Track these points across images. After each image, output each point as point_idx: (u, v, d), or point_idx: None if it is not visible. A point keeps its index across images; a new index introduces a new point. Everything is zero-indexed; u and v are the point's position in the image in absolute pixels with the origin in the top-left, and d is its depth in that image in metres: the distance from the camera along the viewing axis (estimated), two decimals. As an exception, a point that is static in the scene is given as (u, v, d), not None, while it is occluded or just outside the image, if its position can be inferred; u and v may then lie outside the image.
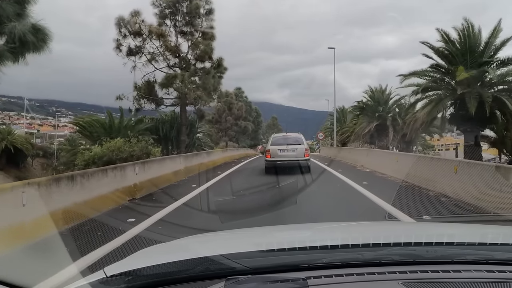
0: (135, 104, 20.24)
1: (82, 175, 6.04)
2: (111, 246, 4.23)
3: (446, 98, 15.33)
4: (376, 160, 13.99)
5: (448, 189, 7.34)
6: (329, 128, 51.85)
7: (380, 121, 30.96)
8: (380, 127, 31.26)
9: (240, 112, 36.45)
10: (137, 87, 20.30)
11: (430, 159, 9.58)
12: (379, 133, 32.27)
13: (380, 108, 31.09)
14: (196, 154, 15.43)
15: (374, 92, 32.50)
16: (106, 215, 6.03)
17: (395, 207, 6.09)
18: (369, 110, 32.02)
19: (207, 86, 18.75)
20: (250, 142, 51.78)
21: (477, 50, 14.96)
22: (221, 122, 35.61)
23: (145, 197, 8.12)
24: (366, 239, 1.40)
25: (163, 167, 10.64)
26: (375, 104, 31.87)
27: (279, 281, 1.08)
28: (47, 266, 3.27)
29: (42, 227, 4.40)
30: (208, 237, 2.18)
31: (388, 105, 32.10)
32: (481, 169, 6.66)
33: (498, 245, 1.41)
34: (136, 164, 8.48)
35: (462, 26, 14.81)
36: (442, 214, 5.75)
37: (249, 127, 41.19)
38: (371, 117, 32.21)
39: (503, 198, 5.58)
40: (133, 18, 18.04)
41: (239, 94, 44.10)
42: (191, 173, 12.86)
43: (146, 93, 20.20)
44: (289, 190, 8.80)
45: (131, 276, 1.17)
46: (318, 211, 6.39)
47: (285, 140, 13.02)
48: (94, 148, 15.68)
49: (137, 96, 20.41)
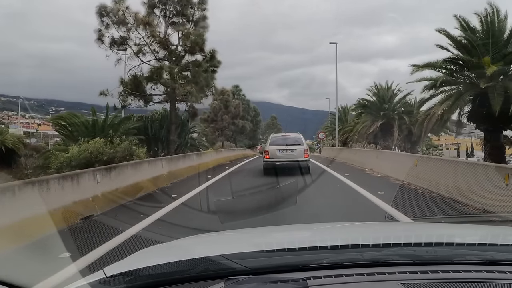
0: (121, 101, 18.49)
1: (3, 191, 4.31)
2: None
3: (466, 93, 13.58)
4: (388, 163, 12.27)
5: (498, 204, 5.63)
6: (329, 127, 50.21)
7: (385, 120, 29.29)
8: (384, 126, 29.59)
9: (237, 111, 34.46)
10: (123, 82, 18.54)
11: (468, 164, 7.85)
12: (383, 133, 30.58)
13: (386, 106, 29.34)
14: (184, 156, 13.70)
15: (379, 89, 30.75)
16: (32, 246, 4.31)
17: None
18: (373, 108, 30.30)
19: (198, 81, 16.99)
20: (248, 142, 50.03)
21: (501, 39, 13.26)
22: (217, 121, 33.61)
23: (107, 213, 6.42)
24: (365, 240, 1.41)
25: (140, 172, 8.94)
26: (379, 101, 30.15)
27: (279, 282, 1.08)
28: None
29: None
30: (207, 238, 2.17)
31: (393, 103, 30.39)
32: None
33: (498, 245, 1.41)
34: (98, 171, 6.75)
35: (485, 12, 13.08)
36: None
37: (247, 127, 39.34)
38: (375, 116, 30.50)
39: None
40: (117, 5, 16.28)
41: (237, 92, 42.24)
42: (175, 178, 11.16)
43: (133, 88, 18.43)
44: (289, 194, 7.78)
45: (130, 276, 1.17)
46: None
47: (284, 141, 12.64)
48: (71, 149, 13.94)
49: (123, 92, 18.66)
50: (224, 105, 33.82)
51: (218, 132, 34.53)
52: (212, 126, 33.81)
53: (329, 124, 52.86)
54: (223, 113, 33.70)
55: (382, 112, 29.10)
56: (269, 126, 78.74)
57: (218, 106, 33.84)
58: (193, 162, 13.92)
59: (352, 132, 35.65)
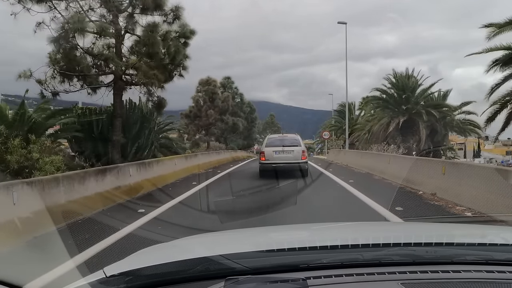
0: (48, 86, 12.82)
1: None
2: None
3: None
4: (470, 185, 6.64)
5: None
6: (333, 126, 44.66)
7: (407, 116, 23.74)
8: (406, 123, 24.08)
9: (225, 105, 28.45)
10: (52, 58, 12.81)
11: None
12: (403, 131, 25.08)
13: (408, 98, 23.59)
14: (112, 169, 7.98)
15: (398, 79, 25.04)
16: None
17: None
18: (391, 102, 24.76)
19: (153, 53, 11.36)
20: (242, 142, 44.37)
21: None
22: (201, 117, 27.86)
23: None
24: (365, 240, 1.41)
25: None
26: (399, 93, 24.56)
27: (278, 281, 1.08)
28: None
29: None
30: (207, 237, 2.15)
31: (415, 94, 24.77)
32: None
33: (498, 245, 1.42)
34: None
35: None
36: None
37: (239, 124, 33.50)
38: (394, 111, 24.99)
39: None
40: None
41: (228, 85, 36.47)
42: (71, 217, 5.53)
43: (68, 67, 12.74)
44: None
45: (130, 276, 1.17)
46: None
47: (281, 142, 12.31)
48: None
49: (54, 73, 12.97)
50: (209, 97, 27.88)
51: (203, 131, 28.55)
52: (195, 123, 27.91)
53: (333, 122, 47.40)
54: (208, 107, 27.72)
55: (404, 106, 23.42)
56: (267, 125, 73.20)
57: (202, 98, 27.99)
58: (128, 180, 8.29)
59: (364, 131, 30.11)
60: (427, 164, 9.05)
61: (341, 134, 41.13)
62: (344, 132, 43.87)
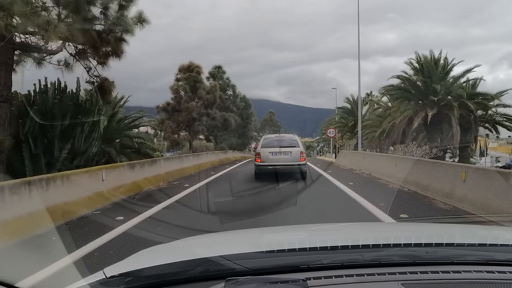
0: None
1: None
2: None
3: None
4: None
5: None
6: (339, 123, 39.77)
7: (436, 109, 19.00)
8: (435, 118, 19.38)
9: (211, 97, 23.36)
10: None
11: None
12: (429, 128, 20.39)
13: (437, 87, 18.69)
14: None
15: (423, 64, 20.16)
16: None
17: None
18: (415, 92, 20.01)
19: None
20: (236, 141, 39.56)
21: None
22: (180, 111, 22.83)
23: None
24: (366, 240, 1.40)
25: None
26: (425, 81, 19.77)
27: (279, 282, 1.07)
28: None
29: None
30: (207, 238, 2.12)
31: (446, 83, 20.00)
32: None
33: (498, 245, 1.41)
34: None
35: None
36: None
37: (231, 120, 28.61)
38: (419, 104, 20.28)
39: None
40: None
41: (218, 75, 31.55)
42: None
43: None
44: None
45: (130, 277, 1.16)
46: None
47: (278, 142, 11.71)
48: None
49: None
50: (191, 87, 22.88)
51: (183, 127, 23.39)
52: (174, 118, 22.85)
53: (336, 119, 42.57)
54: (190, 98, 22.69)
55: (434, 97, 18.57)
56: (266, 123, 68.37)
57: (183, 88, 22.95)
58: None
59: (376, 128, 25.33)
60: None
61: (346, 132, 36.35)
62: (350, 130, 39.07)
